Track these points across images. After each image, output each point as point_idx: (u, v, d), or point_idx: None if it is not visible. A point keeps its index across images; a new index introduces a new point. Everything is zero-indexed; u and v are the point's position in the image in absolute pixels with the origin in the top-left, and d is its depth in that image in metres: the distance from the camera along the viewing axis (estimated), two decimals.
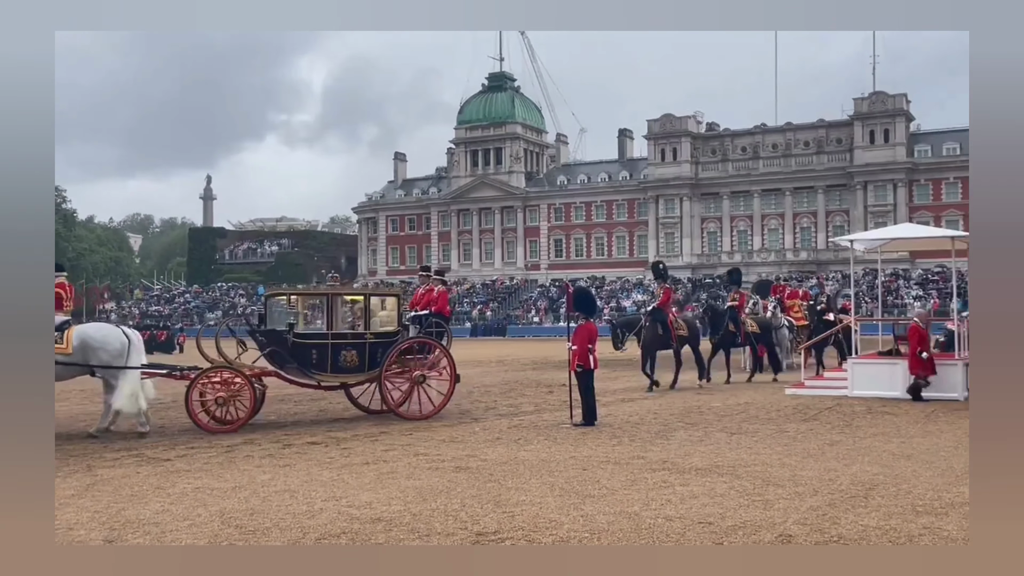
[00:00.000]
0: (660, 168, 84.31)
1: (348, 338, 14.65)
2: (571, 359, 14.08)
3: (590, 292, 16.38)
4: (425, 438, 12.65)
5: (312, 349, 14.48)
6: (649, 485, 8.94)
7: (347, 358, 14.57)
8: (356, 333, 14.79)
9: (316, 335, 14.62)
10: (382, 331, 14.97)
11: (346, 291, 15.79)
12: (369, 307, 15.06)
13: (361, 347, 14.62)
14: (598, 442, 11.97)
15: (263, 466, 10.46)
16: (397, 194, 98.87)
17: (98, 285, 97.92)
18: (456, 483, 9.19)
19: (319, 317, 15.14)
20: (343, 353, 14.54)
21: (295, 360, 14.53)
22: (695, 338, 20.79)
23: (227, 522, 7.57)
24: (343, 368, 14.63)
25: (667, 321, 20.10)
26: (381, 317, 15.50)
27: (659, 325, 19.99)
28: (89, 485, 9.36)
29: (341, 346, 14.55)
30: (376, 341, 14.73)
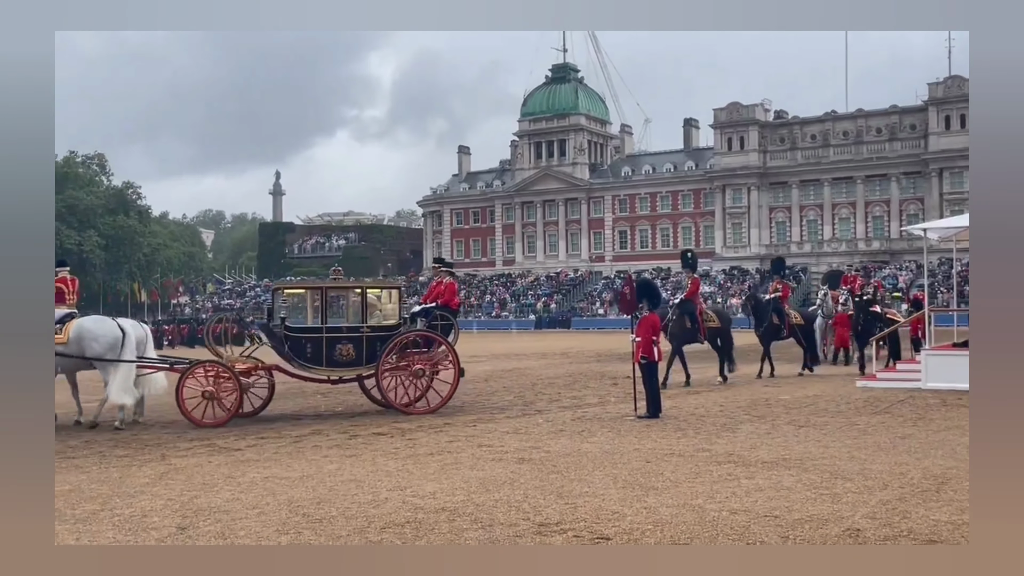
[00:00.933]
0: (727, 157, 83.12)
1: (343, 331, 14.50)
2: (635, 351, 14.00)
3: (654, 283, 16.14)
4: (489, 429, 12.72)
5: (306, 343, 14.34)
6: (714, 478, 8.85)
7: (342, 351, 14.37)
8: (352, 326, 14.58)
9: (310, 329, 14.46)
10: (380, 324, 14.71)
11: (341, 285, 15.45)
12: (366, 300, 14.72)
13: (358, 340, 14.41)
14: (662, 434, 11.90)
15: (330, 456, 10.64)
16: (461, 187, 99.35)
17: (172, 279, 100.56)
18: (519, 474, 9.22)
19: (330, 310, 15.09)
20: (338, 347, 14.36)
21: (291, 353, 14.43)
22: (726, 329, 19.88)
23: (295, 511, 7.72)
24: (339, 362, 14.41)
25: (696, 313, 19.27)
26: (384, 310, 15.26)
27: (687, 317, 19.13)
28: (163, 474, 9.64)
29: (336, 339, 14.38)
30: (374, 335, 14.46)
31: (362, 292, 14.81)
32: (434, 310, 15.30)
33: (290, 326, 14.54)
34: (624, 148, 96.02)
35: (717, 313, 20.57)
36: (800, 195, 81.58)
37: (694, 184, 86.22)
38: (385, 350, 14.32)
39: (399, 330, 14.74)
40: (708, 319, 19.73)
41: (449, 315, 15.23)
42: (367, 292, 14.92)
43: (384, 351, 14.32)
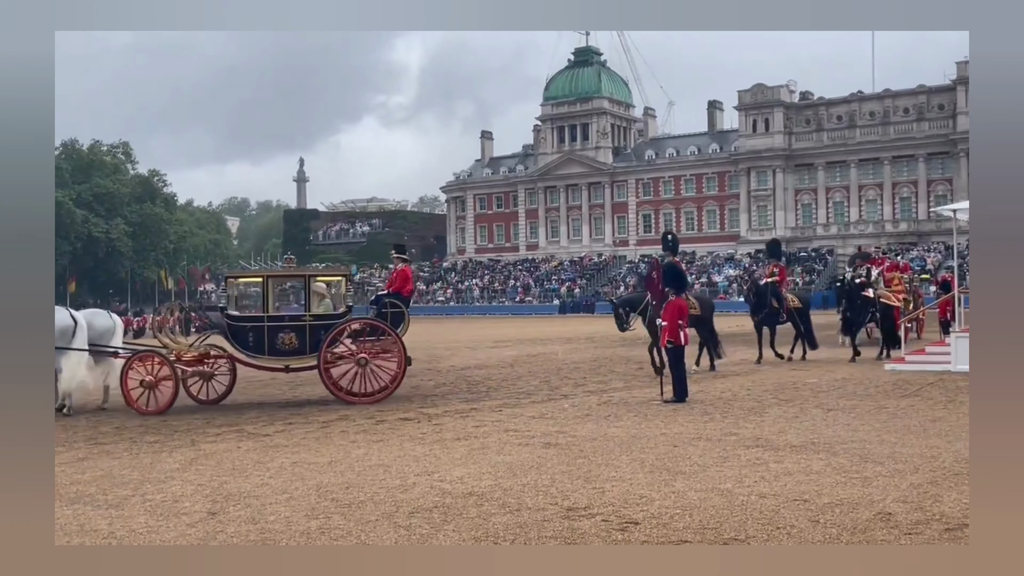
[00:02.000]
0: (752, 139, 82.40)
1: (286, 320, 14.35)
2: (661, 335, 13.94)
3: (680, 268, 16.04)
4: (515, 415, 12.73)
5: (249, 331, 14.23)
6: (742, 462, 8.80)
7: (285, 340, 14.22)
8: (294, 315, 14.48)
9: (252, 318, 14.37)
10: (324, 313, 14.44)
11: (284, 273, 15.34)
12: (309, 289, 14.51)
13: (301, 329, 14.23)
14: (689, 419, 11.85)
15: (358, 441, 10.70)
16: (484, 172, 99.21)
17: (198, 267, 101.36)
18: (546, 459, 9.22)
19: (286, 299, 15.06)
20: (280, 335, 14.20)
21: (234, 342, 14.32)
22: (709, 316, 18.81)
23: (323, 495, 7.77)
24: (281, 351, 14.28)
25: None
26: (333, 298, 14.99)
27: None
28: (193, 459, 9.73)
29: (279, 328, 14.22)
30: (317, 323, 14.24)
31: (306, 281, 14.64)
32: (384, 298, 15.05)
33: (232, 315, 14.43)
34: (647, 131, 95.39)
35: (698, 300, 19.38)
36: (826, 177, 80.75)
37: (718, 167, 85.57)
38: (326, 339, 14.10)
39: (343, 319, 14.48)
40: (690, 306, 18.38)
41: (400, 303, 14.86)
42: (311, 281, 14.69)
43: (325, 340, 14.11)
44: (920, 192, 76.82)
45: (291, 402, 15.00)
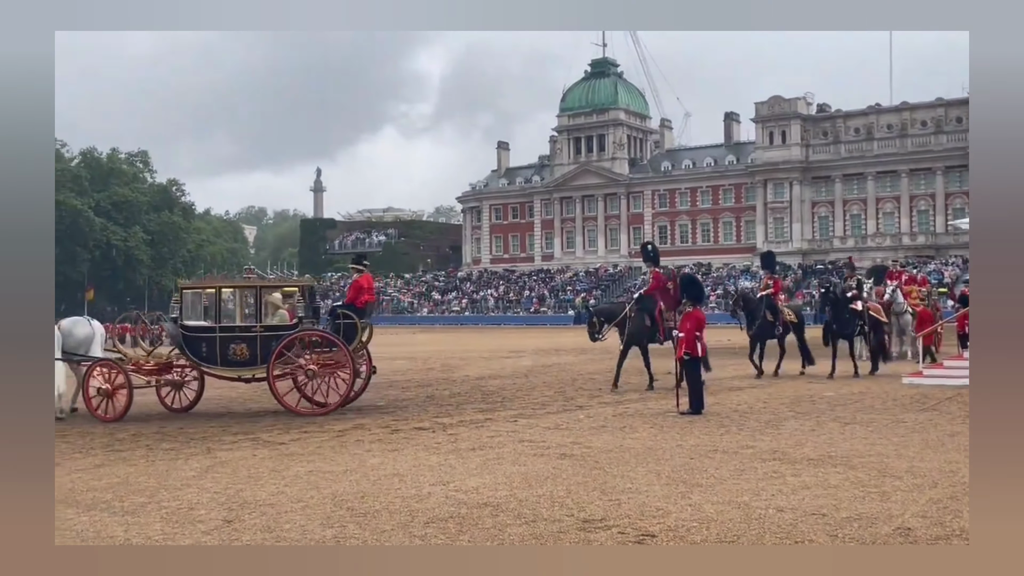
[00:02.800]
0: (768, 151, 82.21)
1: (236, 331, 14.36)
2: (678, 346, 13.89)
3: (697, 279, 16.01)
4: (530, 425, 12.70)
5: (201, 342, 14.32)
6: (759, 475, 8.75)
7: (236, 351, 14.24)
8: (245, 326, 14.48)
9: (204, 328, 14.42)
10: (275, 324, 14.43)
11: (234, 283, 15.43)
12: (261, 300, 14.51)
13: (252, 340, 14.24)
14: (706, 431, 11.79)
15: (373, 450, 10.69)
16: (500, 183, 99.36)
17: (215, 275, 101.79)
18: (561, 470, 9.19)
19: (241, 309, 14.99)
20: (232, 346, 14.24)
21: (188, 352, 14.40)
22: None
23: (339, 504, 7.77)
24: (233, 361, 14.31)
25: (655, 311, 17.59)
26: (285, 310, 14.91)
27: (646, 315, 17.56)
28: (208, 467, 9.75)
29: (230, 339, 14.26)
30: (269, 335, 14.22)
31: (256, 292, 14.70)
32: (337, 309, 15.02)
33: (186, 324, 14.53)
34: (664, 143, 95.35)
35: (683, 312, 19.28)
36: (843, 189, 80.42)
37: (735, 179, 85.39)
38: (274, 350, 14.06)
39: (293, 331, 14.38)
40: (670, 318, 17.56)
41: (353, 314, 14.66)
42: (263, 292, 14.77)
43: (273, 351, 14.06)
44: (938, 205, 76.40)
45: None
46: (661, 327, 17.48)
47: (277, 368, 14.24)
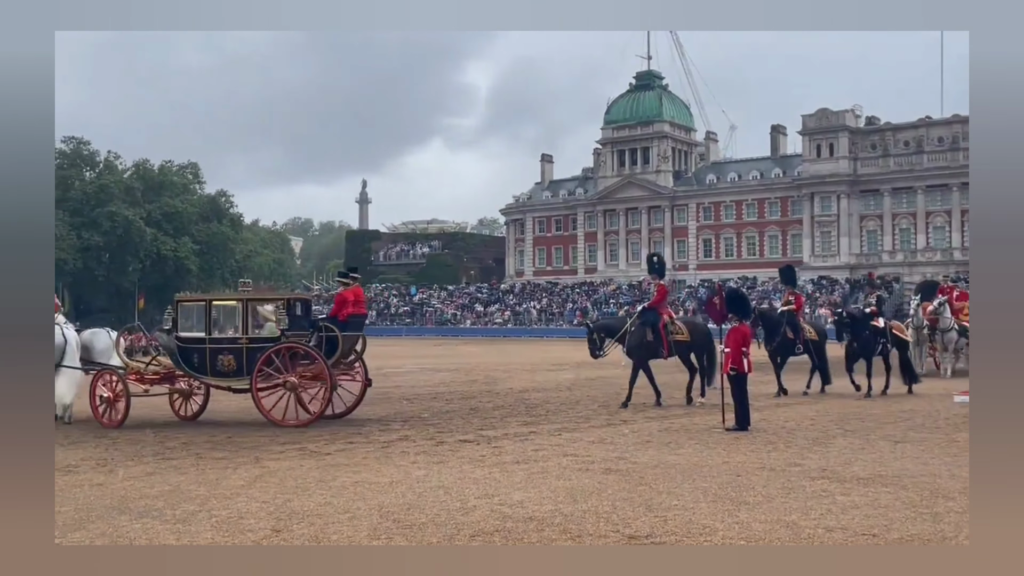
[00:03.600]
0: (816, 164, 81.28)
1: (224, 343, 14.74)
2: (724, 362, 13.78)
3: (743, 293, 15.83)
4: (574, 439, 12.68)
5: (193, 353, 14.77)
6: (807, 494, 8.64)
7: (224, 362, 14.63)
8: (232, 338, 14.84)
9: (196, 339, 14.81)
10: (259, 336, 14.75)
11: (222, 296, 15.97)
12: (248, 312, 14.86)
13: (238, 352, 14.60)
14: (752, 448, 11.67)
15: (418, 462, 10.75)
16: (544, 195, 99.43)
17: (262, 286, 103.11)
18: (606, 485, 9.16)
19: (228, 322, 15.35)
20: (220, 357, 14.63)
21: (182, 362, 14.84)
22: (701, 344, 17.53)
23: (385, 516, 7.82)
24: (221, 372, 14.70)
25: (659, 325, 17.13)
26: (272, 323, 15.20)
27: (648, 329, 17.10)
28: (257, 476, 9.88)
29: (218, 350, 14.66)
30: (254, 347, 14.52)
31: (244, 304, 14.99)
32: (319, 322, 15.15)
33: (180, 336, 14.95)
34: (709, 155, 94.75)
35: (688, 325, 18.11)
36: (892, 203, 79.20)
37: (781, 192, 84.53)
38: (257, 362, 14.31)
39: (276, 343, 14.59)
40: (675, 332, 17.34)
41: (335, 327, 14.76)
42: (251, 304, 15.10)
43: (256, 363, 14.31)
44: None
45: (352, 420, 15.15)
46: (664, 341, 17.07)
47: (261, 380, 14.45)
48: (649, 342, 17.10)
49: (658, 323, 17.20)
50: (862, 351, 18.84)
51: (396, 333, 78.28)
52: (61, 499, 8.70)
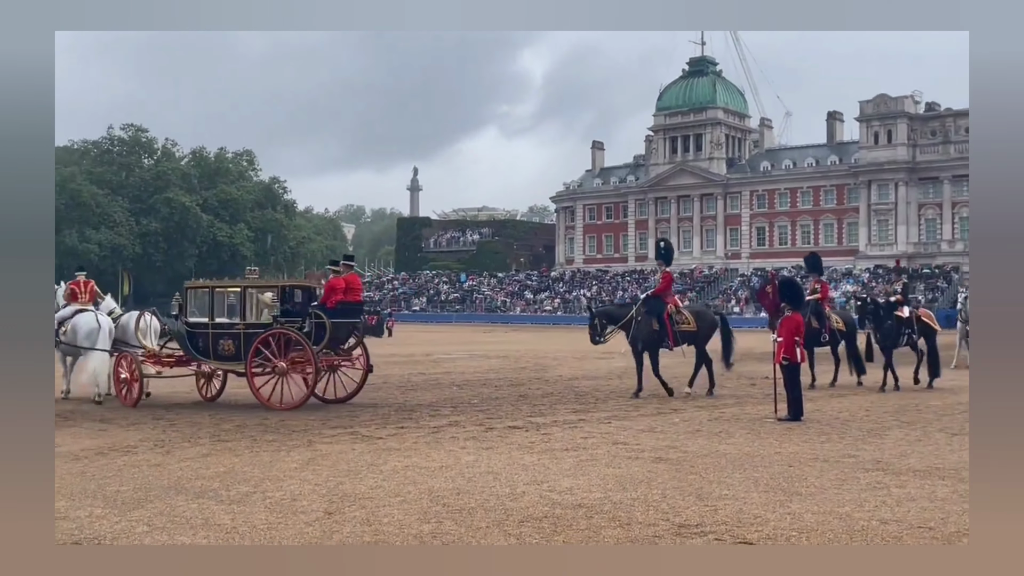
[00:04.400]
0: (873, 151, 79.72)
1: (224, 328, 15.31)
2: (776, 351, 13.62)
3: (797, 282, 15.52)
4: (623, 427, 12.64)
5: (199, 337, 15.42)
6: (861, 485, 8.51)
7: (225, 347, 15.18)
8: (231, 323, 15.45)
9: (201, 324, 15.52)
10: (255, 323, 15.27)
11: (224, 284, 16.70)
12: (246, 299, 15.46)
13: (236, 336, 15.10)
14: (805, 438, 11.52)
15: (467, 448, 10.81)
16: (595, 183, 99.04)
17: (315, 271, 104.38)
18: (656, 473, 9.12)
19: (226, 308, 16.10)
20: (221, 342, 15.19)
21: (189, 346, 15.51)
22: (706, 334, 17.09)
23: (435, 500, 7.88)
24: (223, 356, 15.25)
25: (664, 314, 16.61)
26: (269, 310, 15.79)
27: (654, 319, 16.55)
28: (310, 459, 10.02)
29: (220, 335, 15.23)
30: (250, 332, 14.97)
31: (242, 292, 15.63)
32: (310, 309, 15.30)
33: (189, 321, 15.73)
34: (763, 142, 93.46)
35: (696, 315, 17.35)
36: (952, 191, 77.36)
37: (837, 179, 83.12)
38: (251, 347, 14.74)
39: (267, 329, 14.98)
40: (682, 321, 16.76)
41: (323, 314, 14.93)
42: (249, 291, 15.79)
43: (250, 348, 14.75)
44: None
45: (403, 406, 15.29)
46: (670, 331, 16.51)
47: (256, 365, 14.83)
48: (655, 331, 16.56)
49: (663, 312, 16.64)
50: (883, 342, 17.99)
51: (446, 320, 78.78)
52: (120, 478, 8.93)
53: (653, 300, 16.93)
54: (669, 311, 16.68)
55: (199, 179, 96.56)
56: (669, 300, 17.01)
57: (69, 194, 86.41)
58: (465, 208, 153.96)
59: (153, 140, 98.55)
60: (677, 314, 16.79)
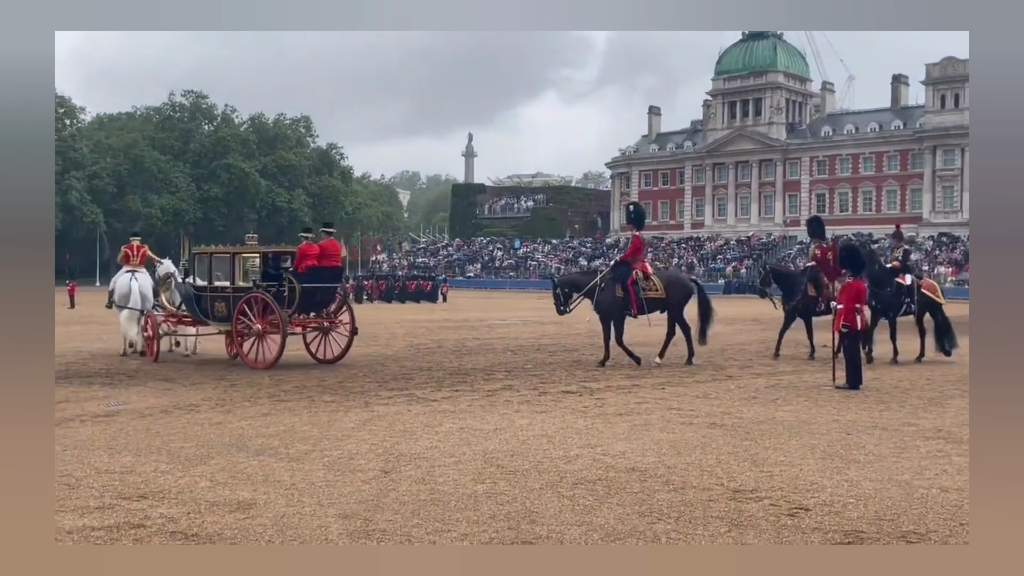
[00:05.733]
0: (939, 116, 77.45)
1: (218, 291, 16.25)
2: (836, 318, 13.40)
3: (858, 249, 15.17)
4: (678, 393, 12.59)
5: (201, 300, 16.53)
6: (921, 454, 8.38)
7: (219, 308, 16.18)
8: (223, 287, 16.23)
9: (200, 287, 16.67)
10: (241, 287, 16.01)
11: (220, 250, 17.44)
12: (236, 264, 16.25)
13: (227, 300, 16.01)
14: (864, 406, 11.36)
15: (521, 411, 10.88)
16: (651, 148, 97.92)
17: (371, 237, 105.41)
18: (711, 439, 9.08)
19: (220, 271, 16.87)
20: (216, 304, 16.22)
21: (195, 308, 16.63)
22: (678, 302, 16.26)
23: (489, 461, 7.96)
24: (218, 317, 16.27)
25: (628, 280, 15.89)
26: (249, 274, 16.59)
27: (618, 285, 15.86)
28: (367, 420, 10.18)
29: (215, 298, 16.27)
30: (237, 295, 15.82)
31: (231, 257, 16.45)
32: (283, 274, 15.86)
33: (195, 285, 16.89)
34: (825, 107, 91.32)
35: (667, 281, 16.44)
36: None
37: (901, 144, 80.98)
38: (236, 310, 15.66)
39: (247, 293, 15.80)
40: (649, 288, 15.97)
41: (295, 280, 15.55)
42: (239, 256, 16.52)
43: (235, 311, 15.66)
44: None
45: (458, 370, 15.42)
46: (633, 298, 15.82)
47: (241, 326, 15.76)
48: (619, 299, 15.90)
49: (628, 279, 15.96)
50: (884, 310, 17.00)
51: (500, 286, 78.97)
52: (184, 435, 9.18)
53: (620, 266, 16.41)
54: (635, 277, 16.04)
55: (258, 145, 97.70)
56: (637, 266, 16.30)
57: (132, 160, 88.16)
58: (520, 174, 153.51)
59: (213, 106, 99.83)
60: (645, 280, 16.08)
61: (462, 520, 6.14)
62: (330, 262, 16.19)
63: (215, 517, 6.20)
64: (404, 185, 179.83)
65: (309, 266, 15.75)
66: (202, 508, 6.42)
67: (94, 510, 6.36)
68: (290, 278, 15.57)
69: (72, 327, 25.81)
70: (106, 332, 22.60)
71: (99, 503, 6.54)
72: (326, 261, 16.03)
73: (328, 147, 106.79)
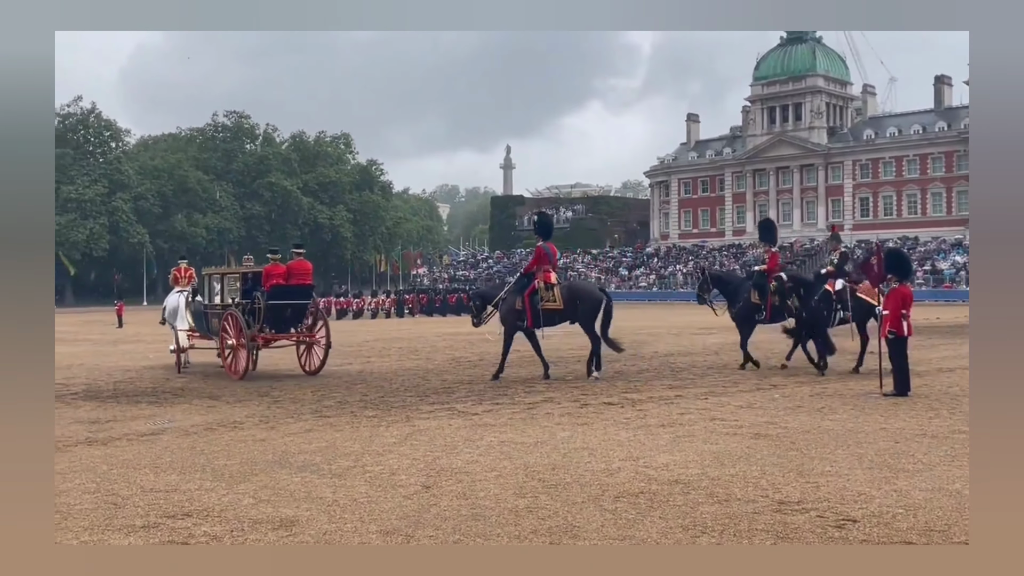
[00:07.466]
0: None
1: (215, 308, 17.84)
2: (882, 324, 13.17)
3: (903, 253, 14.92)
4: (721, 403, 12.44)
5: (204, 316, 18.14)
6: None
7: (215, 324, 17.45)
8: (214, 304, 18.11)
9: (206, 305, 18.38)
10: (226, 304, 17.46)
11: (216, 271, 19.35)
12: (224, 284, 18.02)
13: (219, 315, 17.31)
14: (912, 414, 11.13)
15: (563, 424, 10.82)
16: (690, 156, 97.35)
17: (412, 251, 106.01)
18: (755, 450, 8.95)
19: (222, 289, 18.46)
20: (213, 320, 17.62)
21: (202, 324, 18.21)
22: (584, 313, 15.65)
23: (531, 475, 7.92)
24: (216, 331, 17.46)
25: (526, 292, 15.62)
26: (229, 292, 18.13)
27: (517, 298, 15.73)
28: (408, 435, 10.19)
29: (212, 315, 17.77)
30: (222, 312, 17.14)
31: (220, 277, 18.33)
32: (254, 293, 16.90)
33: (202, 303, 18.58)
34: (866, 110, 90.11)
35: (569, 291, 15.82)
36: None
37: (946, 146, 79.62)
38: (220, 325, 16.92)
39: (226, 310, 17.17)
40: (548, 300, 15.53)
41: (260, 298, 16.57)
42: (227, 277, 18.19)
43: (220, 326, 16.92)
44: None
45: (498, 382, 15.38)
46: (529, 311, 15.52)
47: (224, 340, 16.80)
48: (517, 311, 15.69)
49: (526, 289, 15.67)
50: (809, 321, 16.15)
51: None
52: (227, 453, 9.25)
53: (523, 277, 16.20)
54: (536, 287, 15.65)
55: (299, 163, 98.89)
56: (539, 276, 15.80)
57: (177, 180, 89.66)
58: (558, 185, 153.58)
59: (255, 126, 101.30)
60: (545, 291, 15.61)
61: (503, 535, 6.11)
62: (299, 280, 17.14)
63: (258, 535, 6.23)
64: (444, 199, 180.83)
65: (275, 284, 16.78)
66: (245, 526, 6.46)
67: (139, 529, 6.42)
68: (257, 296, 16.64)
69: (122, 346, 26.25)
70: (153, 351, 22.97)
71: (144, 522, 6.61)
72: (295, 280, 17.03)
73: (368, 163, 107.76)
